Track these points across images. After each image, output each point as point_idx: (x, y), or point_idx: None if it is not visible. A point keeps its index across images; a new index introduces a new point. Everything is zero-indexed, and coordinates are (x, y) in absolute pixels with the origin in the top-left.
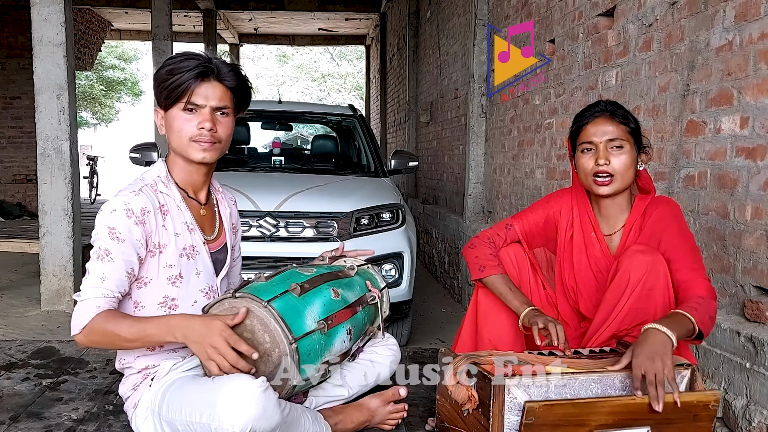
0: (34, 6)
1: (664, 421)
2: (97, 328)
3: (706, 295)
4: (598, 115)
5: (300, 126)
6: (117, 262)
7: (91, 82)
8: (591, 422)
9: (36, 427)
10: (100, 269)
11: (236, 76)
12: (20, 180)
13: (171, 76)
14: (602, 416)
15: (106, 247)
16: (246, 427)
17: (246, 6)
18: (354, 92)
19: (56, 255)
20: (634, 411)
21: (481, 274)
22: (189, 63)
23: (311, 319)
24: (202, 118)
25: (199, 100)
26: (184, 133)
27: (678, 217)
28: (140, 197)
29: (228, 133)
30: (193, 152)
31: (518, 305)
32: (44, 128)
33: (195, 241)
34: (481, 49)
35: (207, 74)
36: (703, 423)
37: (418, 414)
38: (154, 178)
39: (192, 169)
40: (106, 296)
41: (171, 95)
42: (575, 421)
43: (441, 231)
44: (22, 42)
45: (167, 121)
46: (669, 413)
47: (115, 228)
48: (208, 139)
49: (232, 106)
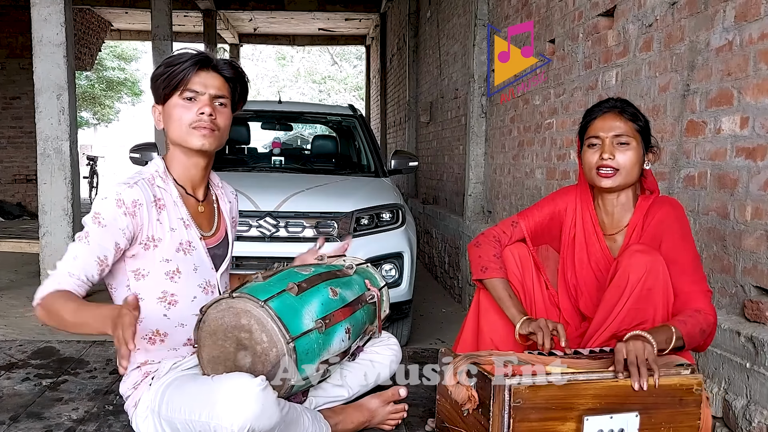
0: (34, 6)
1: (651, 405)
2: (48, 305)
3: (703, 309)
4: (607, 110)
5: (300, 126)
6: (92, 245)
7: (91, 82)
8: (579, 406)
9: (36, 427)
10: (76, 249)
11: (233, 68)
12: (20, 180)
13: (170, 67)
14: (589, 399)
15: (87, 230)
16: (245, 425)
17: (246, 6)
18: (354, 92)
19: (56, 255)
20: (619, 394)
21: (483, 275)
22: (186, 55)
23: (309, 318)
24: (202, 104)
25: (198, 87)
26: (184, 120)
27: (681, 220)
28: (134, 189)
29: (227, 123)
30: (192, 139)
31: (515, 313)
32: (44, 128)
33: (191, 237)
34: (481, 49)
35: (205, 63)
36: (690, 408)
37: (418, 414)
38: (152, 173)
39: (190, 163)
40: (71, 275)
41: (170, 84)
42: (563, 405)
43: (441, 231)
44: (22, 42)
45: (166, 112)
46: (654, 397)
47: (100, 213)
48: (208, 125)
49: (230, 98)
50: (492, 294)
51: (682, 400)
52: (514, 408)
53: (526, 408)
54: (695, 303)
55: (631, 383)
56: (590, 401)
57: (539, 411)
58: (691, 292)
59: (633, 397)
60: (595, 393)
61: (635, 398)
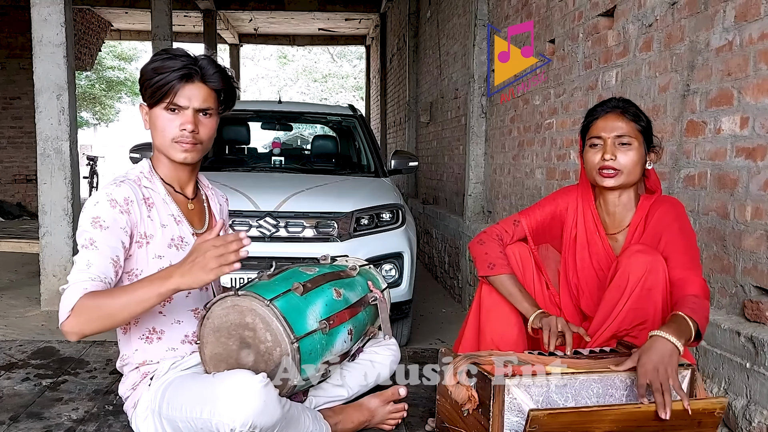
0: (34, 6)
1: (668, 428)
2: (87, 304)
3: (701, 293)
4: (609, 111)
5: (300, 126)
6: (102, 249)
7: (91, 82)
8: (595, 430)
9: (36, 427)
10: (85, 257)
11: (222, 77)
12: (20, 180)
13: (156, 74)
14: (607, 424)
15: (90, 236)
16: (247, 422)
17: (246, 6)
18: (354, 92)
19: (56, 255)
20: (639, 419)
21: (491, 272)
22: (174, 63)
23: (313, 319)
24: (185, 119)
25: (182, 102)
26: (167, 133)
27: (680, 217)
28: (122, 188)
29: (210, 134)
30: (174, 153)
31: (528, 307)
32: (44, 128)
33: (183, 233)
34: (481, 49)
35: (191, 76)
36: (707, 429)
37: (418, 414)
38: (137, 174)
39: (176, 165)
40: (93, 279)
41: (155, 95)
42: (579, 429)
43: (441, 231)
44: (22, 42)
45: (151, 118)
46: (673, 420)
47: (99, 217)
48: (190, 140)
49: (216, 107)
50: (501, 290)
51: (701, 422)
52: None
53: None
54: (691, 287)
55: (657, 411)
56: (607, 425)
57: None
58: (686, 277)
59: (651, 420)
60: (615, 418)
61: (653, 422)
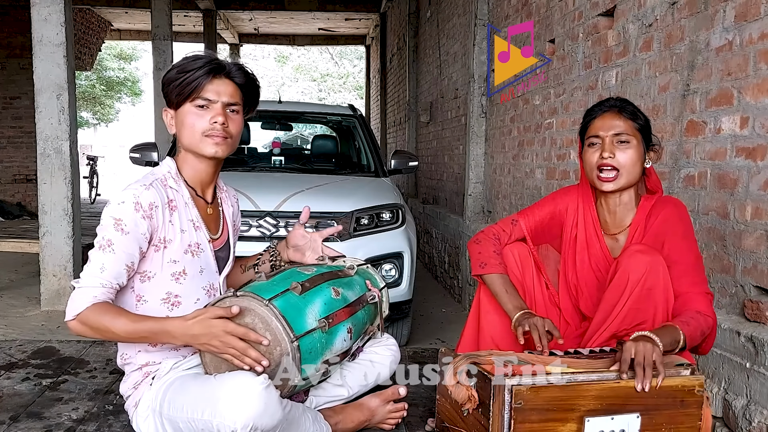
0: (34, 6)
1: (652, 406)
2: (92, 320)
3: (704, 311)
4: (607, 110)
5: (300, 126)
6: (118, 254)
7: (91, 82)
8: (580, 407)
9: (36, 427)
10: (100, 259)
11: (245, 74)
12: (20, 180)
13: (183, 74)
14: (590, 401)
15: (109, 237)
16: (248, 423)
17: (246, 6)
18: (354, 92)
19: (56, 255)
20: (621, 395)
21: (482, 271)
22: (199, 62)
23: (312, 318)
24: (215, 112)
25: (211, 96)
26: (197, 128)
27: (684, 220)
28: (150, 191)
29: (238, 130)
30: (205, 147)
31: (511, 309)
32: (44, 128)
33: (200, 239)
34: (481, 49)
35: (218, 71)
36: (692, 409)
37: (418, 414)
38: (164, 173)
39: (202, 166)
40: (104, 286)
41: (183, 92)
42: (564, 406)
43: (441, 231)
44: (22, 42)
45: (178, 118)
46: (656, 398)
47: (122, 220)
48: (221, 133)
49: (242, 104)
50: (490, 289)
51: (683, 401)
52: (515, 409)
53: (527, 409)
54: (695, 304)
55: (635, 384)
56: (591, 402)
57: (540, 412)
58: (692, 293)
59: (634, 398)
60: (597, 394)
61: (637, 399)
